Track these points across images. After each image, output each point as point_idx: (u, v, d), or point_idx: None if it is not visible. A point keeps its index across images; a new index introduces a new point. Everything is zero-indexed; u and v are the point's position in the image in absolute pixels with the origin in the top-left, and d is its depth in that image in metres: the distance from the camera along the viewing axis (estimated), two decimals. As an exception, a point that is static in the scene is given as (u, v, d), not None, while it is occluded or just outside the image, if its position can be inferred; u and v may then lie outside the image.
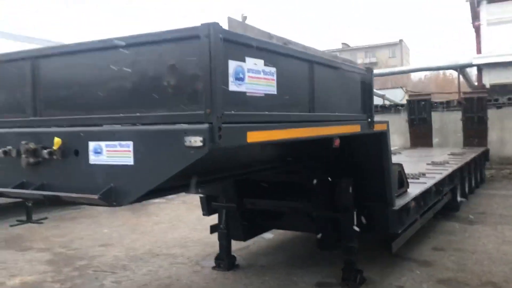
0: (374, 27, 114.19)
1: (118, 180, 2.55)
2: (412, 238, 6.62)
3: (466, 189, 10.61)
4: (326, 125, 3.60)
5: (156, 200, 11.88)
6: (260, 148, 3.98)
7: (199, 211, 10.30)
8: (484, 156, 13.79)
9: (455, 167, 9.23)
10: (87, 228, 8.93)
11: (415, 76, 60.09)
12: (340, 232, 5.29)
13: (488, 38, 18.71)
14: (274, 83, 2.88)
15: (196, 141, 2.31)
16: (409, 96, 18.64)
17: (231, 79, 2.49)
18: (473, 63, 19.22)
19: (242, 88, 2.59)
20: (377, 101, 20.98)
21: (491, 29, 18.64)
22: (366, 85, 4.40)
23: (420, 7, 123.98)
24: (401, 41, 72.02)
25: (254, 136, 2.64)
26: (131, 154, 2.51)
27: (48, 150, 2.72)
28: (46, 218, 9.78)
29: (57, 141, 2.71)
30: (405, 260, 6.17)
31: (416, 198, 6.15)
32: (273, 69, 2.86)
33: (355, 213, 5.14)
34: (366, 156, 5.08)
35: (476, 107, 15.10)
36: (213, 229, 6.26)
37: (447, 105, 18.12)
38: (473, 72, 22.43)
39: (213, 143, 2.33)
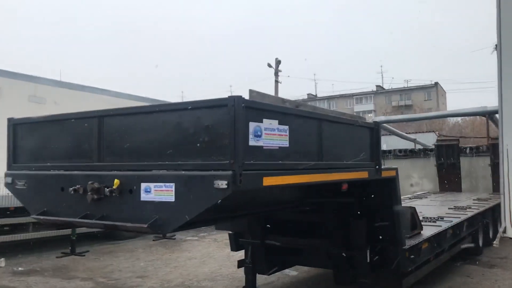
0: (409, 69, 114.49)
1: (162, 213, 3.29)
2: (428, 278, 7.03)
3: (491, 234, 10.81)
4: (334, 172, 4.26)
5: (189, 238, 12.64)
6: (279, 190, 4.65)
7: (228, 249, 10.98)
8: (512, 202, 13.86)
9: (475, 211, 9.53)
10: (125, 261, 9.66)
11: (451, 120, 59.87)
12: (355, 268, 5.81)
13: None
14: (287, 137, 3.59)
15: (222, 184, 3.04)
16: (437, 141, 18.92)
17: (250, 136, 3.22)
18: (502, 109, 19.30)
19: (259, 143, 3.31)
20: (408, 145, 21.28)
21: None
22: (374, 137, 5.05)
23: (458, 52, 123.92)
24: (436, 83, 71.94)
25: (269, 181, 3.35)
26: (173, 193, 3.25)
27: (109, 189, 3.50)
28: (87, 251, 10.58)
29: (116, 182, 3.48)
30: (419, 299, 6.57)
31: (429, 239, 6.60)
32: (286, 127, 3.58)
33: (368, 251, 5.67)
34: (377, 199, 5.66)
35: (504, 153, 15.28)
36: (240, 263, 6.87)
37: (476, 150, 18.26)
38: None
39: (235, 185, 3.05)
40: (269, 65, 38.95)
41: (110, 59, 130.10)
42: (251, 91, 3.72)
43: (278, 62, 39.16)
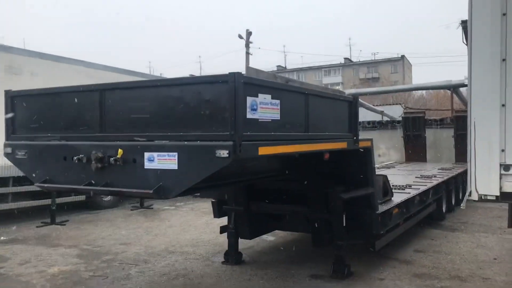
0: (376, 42, 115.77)
1: (166, 180, 3.57)
2: (396, 241, 7.60)
3: (453, 201, 11.57)
4: (318, 142, 4.62)
5: (166, 207, 12.95)
6: (266, 160, 4.98)
7: (206, 217, 11.43)
8: (473, 171, 14.70)
9: (440, 180, 10.20)
10: (106, 229, 9.90)
11: (416, 92, 61.38)
12: (332, 231, 6.27)
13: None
14: (278, 111, 3.90)
15: (224, 153, 3.34)
16: (405, 113, 19.62)
17: (248, 110, 3.52)
18: (465, 83, 20.22)
19: (255, 116, 3.61)
20: (376, 117, 21.93)
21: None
22: (352, 110, 5.42)
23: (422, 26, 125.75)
24: (403, 56, 73.12)
25: (264, 150, 3.68)
26: (176, 162, 3.53)
27: (114, 158, 3.75)
28: (67, 220, 10.75)
29: (120, 151, 3.73)
30: (388, 259, 7.13)
31: (398, 205, 7.14)
32: (278, 101, 3.88)
33: (344, 215, 6.13)
34: (354, 168, 6.08)
35: (467, 124, 16.04)
36: (222, 229, 7.24)
37: (440, 122, 19.08)
38: (465, 90, 23.44)
39: (235, 154, 3.36)
40: (240, 36, 38.81)
41: (74, 27, 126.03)
42: (248, 68, 4.00)
43: (249, 34, 39.02)
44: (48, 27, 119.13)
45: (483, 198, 4.32)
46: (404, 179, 10.15)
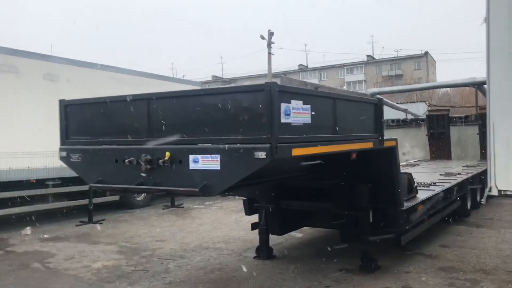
0: (399, 39, 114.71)
1: (209, 179, 3.97)
2: (422, 237, 7.86)
3: (478, 198, 11.69)
4: (346, 143, 4.96)
5: (196, 206, 13.42)
6: (296, 160, 5.34)
7: (235, 215, 11.84)
8: (498, 168, 14.75)
9: (464, 177, 10.36)
10: (141, 228, 10.39)
11: (441, 89, 60.67)
12: (359, 227, 6.58)
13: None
14: (309, 115, 4.26)
15: (262, 154, 3.72)
16: (428, 111, 19.67)
17: (282, 115, 3.89)
18: (491, 79, 20.10)
19: (289, 120, 3.98)
20: (400, 115, 22.00)
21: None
22: (377, 112, 5.74)
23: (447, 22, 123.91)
24: (426, 53, 72.33)
25: (297, 151, 4.05)
26: (219, 163, 3.93)
27: (162, 160, 4.17)
28: (104, 219, 11.30)
29: (167, 154, 4.15)
30: (414, 254, 7.40)
31: (423, 202, 7.40)
32: (308, 106, 4.24)
33: (371, 212, 6.44)
34: (379, 166, 6.39)
35: (492, 122, 16.08)
36: (253, 226, 7.62)
37: (465, 120, 19.08)
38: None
39: (272, 155, 3.74)
40: (262, 37, 39.09)
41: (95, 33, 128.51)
42: (282, 77, 4.37)
43: (271, 34, 39.29)
44: (68, 31, 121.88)
45: (502, 193, 4.58)
46: (428, 177, 10.34)
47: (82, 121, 5.01)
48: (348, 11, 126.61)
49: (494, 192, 4.62)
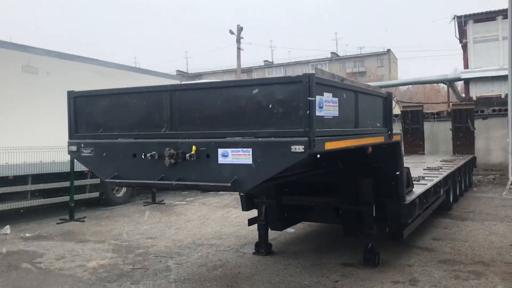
0: (362, 37, 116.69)
1: (240, 174, 3.85)
2: (415, 231, 7.96)
3: (458, 192, 12.03)
4: (365, 137, 4.93)
5: (177, 202, 13.20)
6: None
7: (221, 211, 11.71)
8: (472, 163, 15.25)
9: (448, 171, 10.61)
10: (127, 225, 10.10)
11: (403, 86, 61.94)
12: (362, 221, 6.60)
13: (474, 54, 20.39)
14: (337, 108, 4.20)
15: (299, 148, 3.62)
16: (403, 107, 20.05)
17: (317, 107, 3.80)
18: (461, 77, 20.89)
19: (322, 113, 3.90)
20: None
21: (477, 47, 20.32)
22: (387, 105, 5.75)
23: (407, 19, 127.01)
24: (389, 50, 73.80)
25: (329, 145, 3.98)
26: (250, 157, 3.80)
27: (188, 154, 4.00)
28: (85, 217, 10.92)
29: (193, 148, 3.99)
30: (410, 248, 7.49)
31: (420, 196, 7.50)
32: (336, 99, 4.18)
33: (374, 206, 6.46)
34: (384, 161, 6.41)
35: (464, 117, 16.60)
36: (251, 222, 7.52)
37: (437, 116, 19.63)
38: (459, 84, 24.12)
39: (310, 149, 3.64)
40: (231, 32, 38.76)
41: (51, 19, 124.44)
42: (316, 68, 4.27)
43: (240, 29, 38.98)
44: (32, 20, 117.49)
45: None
46: (413, 171, 10.50)
47: (93, 113, 4.76)
48: (312, 8, 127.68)
49: (516, 185, 4.70)
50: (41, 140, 9.93)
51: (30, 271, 6.71)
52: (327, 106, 3.99)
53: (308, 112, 3.65)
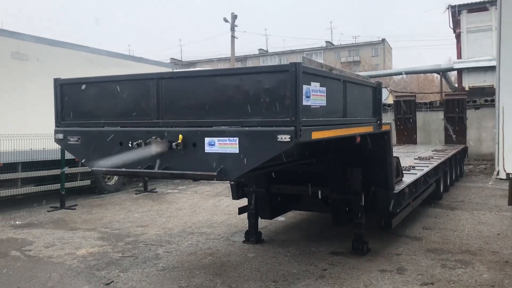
0: (357, 26, 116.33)
1: (227, 163, 3.84)
2: (404, 220, 8.01)
3: (448, 181, 12.10)
4: (353, 127, 4.93)
5: (169, 190, 13.19)
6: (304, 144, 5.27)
7: (212, 200, 11.73)
8: (463, 153, 15.34)
9: (439, 161, 10.66)
10: (118, 213, 10.10)
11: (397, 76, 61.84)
12: (351, 211, 6.63)
13: (467, 44, 20.42)
14: (325, 98, 4.18)
15: (286, 137, 3.62)
16: (396, 97, 20.09)
17: (303, 97, 3.79)
18: (454, 67, 20.93)
19: (308, 102, 3.88)
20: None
21: (470, 37, 20.34)
22: (376, 95, 5.75)
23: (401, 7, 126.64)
24: (383, 40, 73.72)
25: (316, 135, 3.97)
26: (237, 146, 3.79)
27: (175, 143, 3.98)
28: (76, 205, 10.91)
29: (180, 137, 3.97)
30: (400, 237, 7.54)
31: (409, 185, 7.53)
32: (324, 88, 4.17)
33: (363, 195, 6.48)
34: (373, 150, 6.42)
35: (456, 107, 16.64)
36: (241, 210, 7.53)
37: (430, 106, 19.68)
38: (452, 74, 24.19)
39: (296, 139, 3.64)
40: (225, 20, 38.50)
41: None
42: (303, 58, 4.25)
43: (234, 17, 38.74)
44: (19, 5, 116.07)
45: (510, 176, 4.69)
46: (404, 161, 10.55)
47: (80, 101, 4.72)
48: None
49: (502, 176, 4.73)
50: (32, 128, 9.87)
51: (19, 258, 6.70)
52: (314, 95, 3.97)
53: (294, 101, 3.64)
